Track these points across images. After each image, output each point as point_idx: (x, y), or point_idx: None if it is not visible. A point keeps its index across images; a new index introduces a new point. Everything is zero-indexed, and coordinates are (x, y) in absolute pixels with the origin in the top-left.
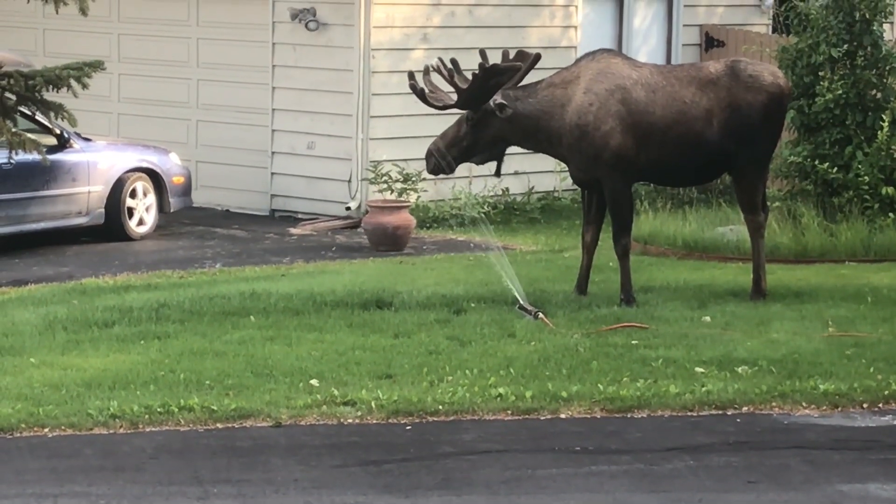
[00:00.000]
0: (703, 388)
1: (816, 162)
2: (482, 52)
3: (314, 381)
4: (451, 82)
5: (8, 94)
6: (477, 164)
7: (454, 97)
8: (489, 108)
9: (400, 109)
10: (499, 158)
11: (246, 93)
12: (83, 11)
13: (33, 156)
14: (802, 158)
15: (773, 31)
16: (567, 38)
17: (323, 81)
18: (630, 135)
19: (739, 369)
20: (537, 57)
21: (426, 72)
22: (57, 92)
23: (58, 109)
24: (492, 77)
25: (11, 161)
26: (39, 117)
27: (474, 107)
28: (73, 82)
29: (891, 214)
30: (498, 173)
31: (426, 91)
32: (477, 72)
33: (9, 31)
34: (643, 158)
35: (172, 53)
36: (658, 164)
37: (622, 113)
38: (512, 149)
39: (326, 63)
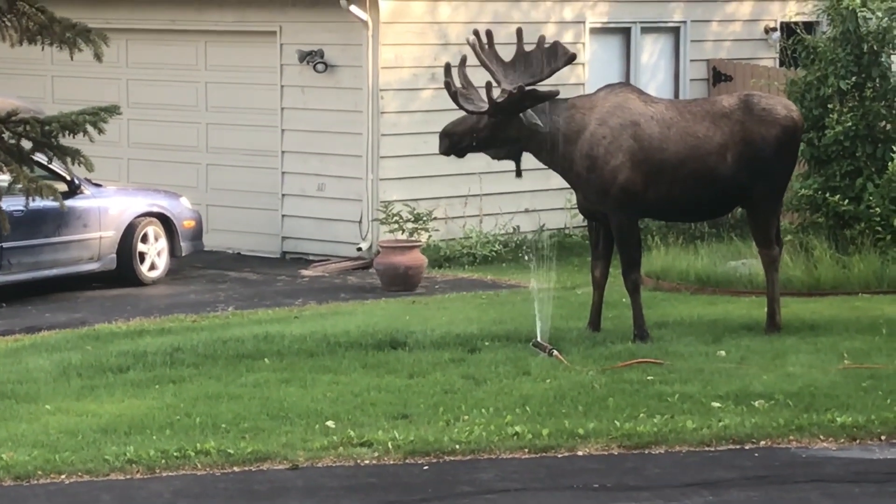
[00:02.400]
0: (721, 423)
1: (827, 194)
2: (519, 32)
3: (330, 423)
4: (488, 97)
5: (24, 141)
6: (492, 157)
7: (484, 105)
8: (518, 117)
9: (409, 149)
10: (516, 158)
11: (255, 135)
12: (98, 57)
13: (45, 202)
14: (813, 191)
15: (781, 65)
16: (575, 76)
17: (332, 123)
18: (640, 170)
19: (756, 403)
20: (572, 56)
21: (462, 62)
22: (73, 137)
23: (74, 155)
24: (527, 99)
25: (24, 208)
26: (55, 164)
27: (503, 117)
28: (89, 127)
29: None
30: (518, 173)
31: (459, 92)
32: (513, 90)
33: (18, 78)
34: (652, 194)
35: (181, 98)
36: (669, 200)
37: (633, 148)
38: (521, 186)
39: (335, 104)
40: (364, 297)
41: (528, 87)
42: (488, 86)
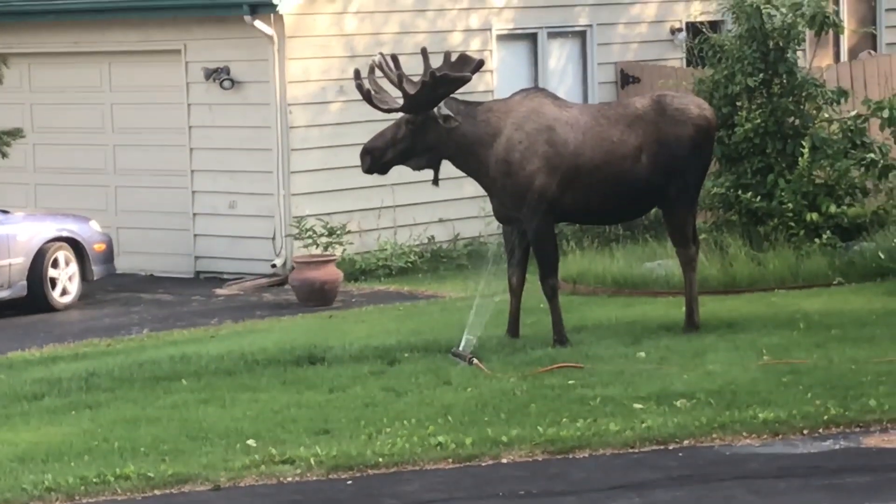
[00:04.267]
0: (643, 424)
1: (740, 192)
2: (424, 52)
3: (251, 442)
4: (400, 86)
5: None
6: (413, 168)
7: (399, 101)
8: (433, 116)
9: (320, 163)
10: (435, 167)
11: (164, 155)
12: None
13: None
14: (726, 189)
15: (688, 65)
16: (484, 83)
17: (241, 139)
18: (555, 176)
19: (678, 403)
20: (480, 63)
21: (372, 70)
22: None
23: None
24: (441, 86)
25: None
26: None
27: (419, 112)
28: None
29: (816, 240)
30: (435, 181)
31: (372, 92)
32: (426, 78)
33: None
34: (568, 199)
35: (87, 120)
36: (586, 204)
37: (549, 154)
38: (435, 196)
39: (244, 121)
40: (281, 314)
41: (439, 73)
42: (399, 77)
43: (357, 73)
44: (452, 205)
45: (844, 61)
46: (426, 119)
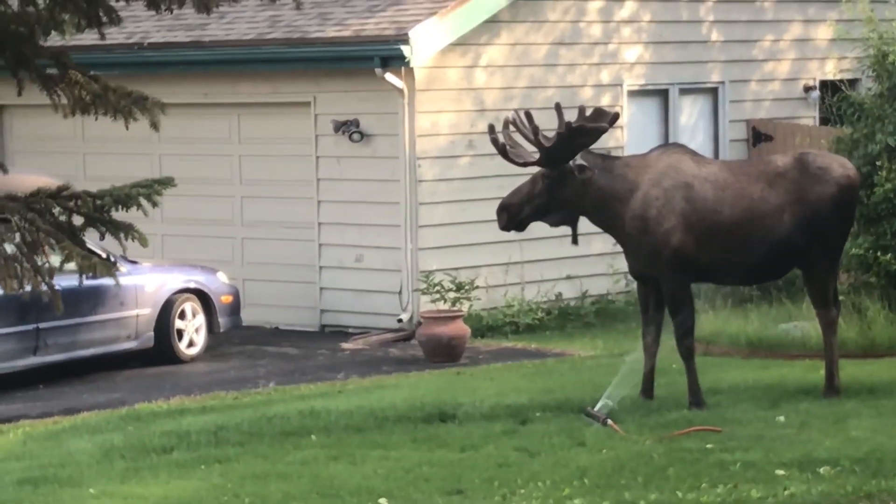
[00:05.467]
0: (786, 492)
1: (878, 253)
2: (558, 106)
3: (382, 500)
4: (535, 139)
5: (75, 216)
6: (550, 224)
7: (535, 156)
8: (568, 168)
9: (448, 218)
10: (573, 223)
11: (291, 208)
12: (155, 126)
13: (78, 280)
14: (864, 250)
15: (822, 123)
16: (614, 139)
17: (369, 193)
18: (693, 233)
19: (821, 470)
20: (616, 116)
21: (506, 125)
22: (126, 211)
23: (128, 230)
24: (577, 137)
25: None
26: (88, 241)
27: (555, 166)
28: (142, 201)
29: None
30: (574, 239)
31: (507, 146)
32: (562, 130)
33: (49, 156)
34: (705, 257)
35: (215, 171)
36: (724, 262)
37: (686, 211)
38: (563, 252)
39: (372, 174)
40: (407, 369)
41: (575, 125)
42: (535, 130)
43: (491, 128)
44: (580, 262)
45: None
46: (562, 173)
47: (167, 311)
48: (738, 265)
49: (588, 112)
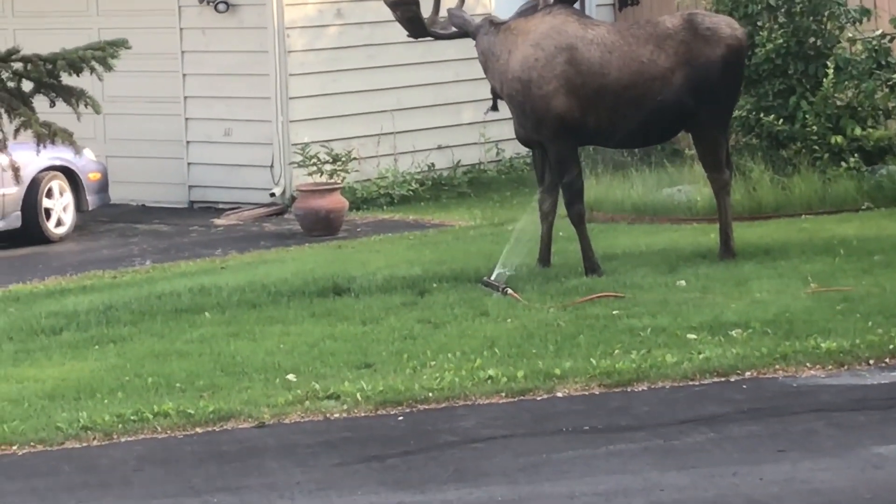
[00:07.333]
0: (701, 356)
1: (761, 114)
2: None
3: (291, 376)
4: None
5: (24, 81)
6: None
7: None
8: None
9: (319, 89)
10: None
11: (155, 82)
12: None
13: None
14: (746, 111)
15: None
16: (481, 5)
17: (236, 65)
18: (577, 96)
19: (733, 333)
20: None
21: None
22: (79, 76)
23: (80, 96)
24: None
25: None
26: None
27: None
28: (95, 64)
29: (842, 164)
30: (494, 107)
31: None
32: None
33: None
34: (592, 121)
35: (73, 45)
36: (611, 126)
37: (569, 73)
38: (435, 122)
39: (239, 45)
40: (286, 244)
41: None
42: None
43: None
44: (452, 131)
45: None
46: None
47: (34, 190)
48: (626, 128)
49: None
